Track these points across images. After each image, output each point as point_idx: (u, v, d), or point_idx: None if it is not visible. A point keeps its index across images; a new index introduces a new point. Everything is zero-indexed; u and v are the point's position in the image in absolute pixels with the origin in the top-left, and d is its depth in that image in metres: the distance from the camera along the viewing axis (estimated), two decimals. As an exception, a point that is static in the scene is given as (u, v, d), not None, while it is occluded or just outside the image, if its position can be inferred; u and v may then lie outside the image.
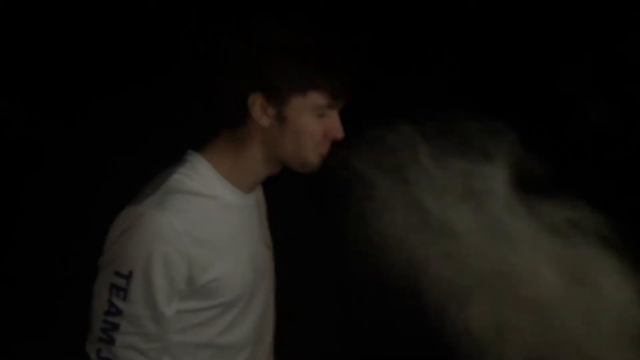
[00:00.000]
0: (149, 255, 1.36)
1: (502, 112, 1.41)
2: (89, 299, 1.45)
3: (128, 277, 1.36)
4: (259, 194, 1.62)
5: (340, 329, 3.59)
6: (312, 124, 1.43)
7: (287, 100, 1.41)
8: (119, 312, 1.38)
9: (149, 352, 1.41)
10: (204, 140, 1.51)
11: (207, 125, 1.50)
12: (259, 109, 1.41)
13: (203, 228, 1.42)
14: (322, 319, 3.42)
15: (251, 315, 1.55)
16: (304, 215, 3.52)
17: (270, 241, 1.66)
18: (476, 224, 1.40)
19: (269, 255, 1.63)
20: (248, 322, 1.54)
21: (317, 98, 1.42)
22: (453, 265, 1.40)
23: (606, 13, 3.53)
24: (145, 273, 1.37)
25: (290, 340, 1.91)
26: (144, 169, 1.55)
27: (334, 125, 1.45)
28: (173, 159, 1.52)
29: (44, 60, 4.45)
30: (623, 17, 3.50)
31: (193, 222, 1.40)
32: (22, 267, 4.30)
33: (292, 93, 1.40)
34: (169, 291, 1.39)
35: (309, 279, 3.54)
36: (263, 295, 1.58)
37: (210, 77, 1.46)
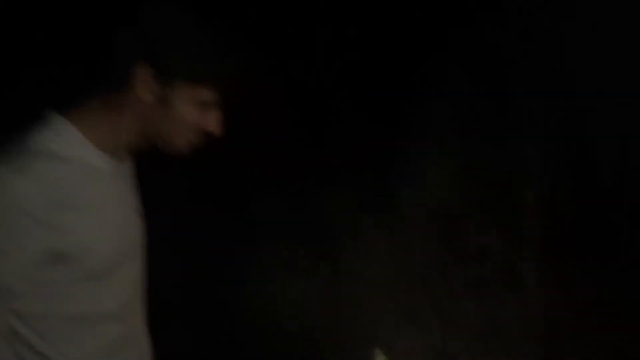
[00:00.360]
0: (8, 217, 1.29)
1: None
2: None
3: None
4: (129, 164, 1.55)
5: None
6: (193, 115, 1.40)
7: (175, 85, 1.37)
8: None
9: None
10: (69, 101, 1.42)
11: (74, 86, 1.43)
12: (144, 84, 1.36)
13: (64, 192, 1.34)
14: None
15: (120, 287, 1.46)
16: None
17: (142, 211, 1.57)
18: None
19: (140, 224, 1.55)
20: (117, 293, 1.46)
21: (205, 93, 1.39)
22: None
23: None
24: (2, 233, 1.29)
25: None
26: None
27: (213, 120, 1.43)
28: (31, 118, 1.40)
29: None
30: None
31: (53, 186, 1.32)
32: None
33: (182, 80, 1.37)
34: (21, 259, 1.31)
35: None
36: (133, 265, 1.51)
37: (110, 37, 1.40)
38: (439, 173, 3.73)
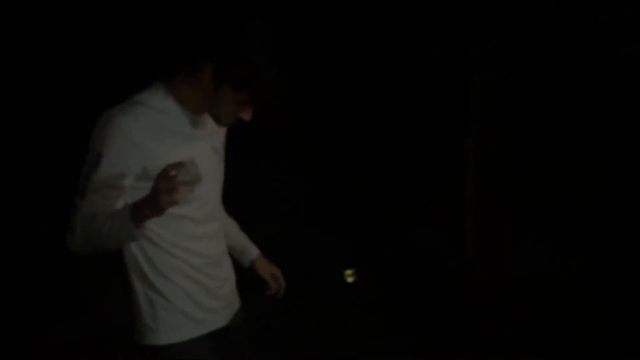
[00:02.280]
0: (113, 140, 1.95)
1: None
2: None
3: (99, 155, 1.95)
4: (211, 122, 2.16)
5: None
6: (232, 109, 2.03)
7: (224, 86, 1.99)
8: (89, 178, 1.96)
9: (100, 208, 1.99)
10: (169, 76, 2.13)
11: (175, 69, 2.14)
12: (206, 76, 2.01)
13: (154, 130, 2.00)
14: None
15: (203, 196, 2.10)
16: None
17: (222, 151, 2.27)
18: None
19: (215, 158, 2.20)
20: (202, 200, 2.12)
21: (243, 97, 2.00)
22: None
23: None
24: (111, 152, 1.95)
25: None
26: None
27: (246, 114, 2.05)
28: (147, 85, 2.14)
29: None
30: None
31: (146, 125, 1.99)
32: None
33: (228, 84, 1.99)
34: (124, 169, 1.97)
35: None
36: (207, 188, 2.10)
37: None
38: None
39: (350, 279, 4.47)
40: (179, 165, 1.78)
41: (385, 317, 4.24)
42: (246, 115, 2.04)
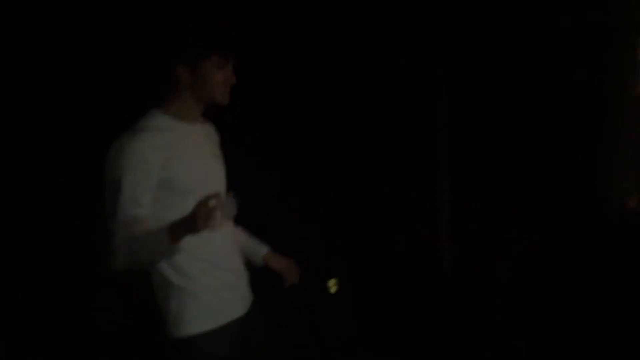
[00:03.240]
0: (130, 164, 2.18)
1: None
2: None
3: (119, 181, 2.17)
4: (208, 128, 2.49)
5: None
6: (217, 75, 2.28)
7: (196, 64, 2.26)
8: (117, 201, 2.17)
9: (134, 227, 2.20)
10: (156, 100, 2.36)
11: (156, 95, 2.35)
12: (181, 72, 2.27)
13: (162, 146, 2.24)
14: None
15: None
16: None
17: (221, 156, 2.49)
18: None
19: (217, 163, 2.45)
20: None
21: (215, 59, 2.26)
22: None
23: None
24: (129, 175, 2.17)
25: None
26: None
27: (230, 73, 2.31)
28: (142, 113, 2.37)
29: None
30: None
31: (155, 144, 2.23)
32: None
33: (198, 59, 2.25)
34: (145, 185, 2.19)
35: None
36: (212, 187, 2.28)
37: (154, 68, 2.36)
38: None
39: (333, 289, 4.52)
40: (216, 195, 2.03)
41: (363, 324, 4.31)
42: (230, 75, 2.29)
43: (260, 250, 2.68)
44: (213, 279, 2.35)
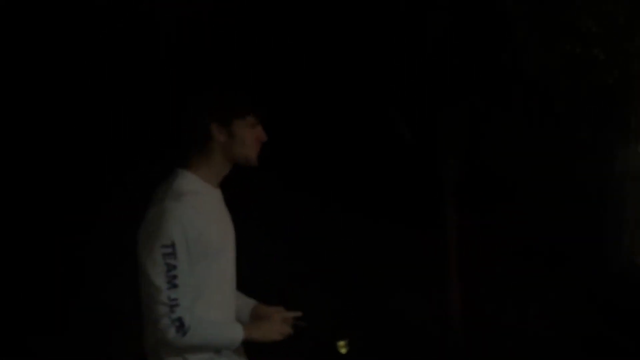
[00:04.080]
0: (182, 228, 2.20)
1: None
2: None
3: (172, 245, 2.18)
4: (219, 190, 2.48)
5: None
6: (250, 134, 2.35)
7: (232, 123, 2.32)
8: (175, 267, 2.18)
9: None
10: (184, 160, 2.37)
11: (182, 153, 2.37)
12: (216, 133, 2.32)
13: (197, 209, 2.26)
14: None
15: (227, 263, 2.41)
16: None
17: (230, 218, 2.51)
18: None
19: (231, 226, 2.48)
20: (227, 268, 2.41)
21: (249, 118, 2.34)
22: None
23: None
24: (181, 239, 2.19)
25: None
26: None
27: (261, 132, 2.38)
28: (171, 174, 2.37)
29: None
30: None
31: (195, 209, 2.26)
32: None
33: (234, 119, 2.33)
34: (193, 250, 2.22)
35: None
36: (231, 247, 2.42)
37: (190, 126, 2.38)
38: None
39: (343, 350, 4.51)
40: (295, 317, 2.39)
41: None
42: (262, 134, 2.36)
43: (248, 302, 2.63)
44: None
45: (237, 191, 2.59)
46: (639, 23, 4.46)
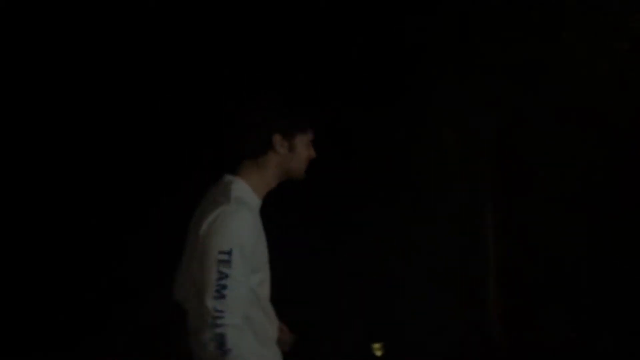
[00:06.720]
0: (239, 237, 2.11)
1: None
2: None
3: (229, 253, 2.07)
4: None
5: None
6: (306, 151, 2.33)
7: (295, 137, 2.30)
8: (227, 276, 2.06)
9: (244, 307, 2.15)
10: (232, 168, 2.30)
11: (233, 160, 2.30)
12: (278, 144, 2.27)
13: (253, 226, 2.19)
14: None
15: (269, 278, 2.32)
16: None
17: None
18: None
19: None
20: (269, 280, 2.32)
21: (309, 135, 2.33)
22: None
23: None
24: (241, 247, 2.10)
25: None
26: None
27: (312, 150, 2.35)
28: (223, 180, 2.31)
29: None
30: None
31: (249, 222, 2.18)
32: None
33: (298, 133, 2.30)
34: (248, 261, 2.13)
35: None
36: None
37: (251, 134, 2.31)
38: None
39: (378, 353, 4.51)
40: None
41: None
42: (312, 152, 2.34)
43: None
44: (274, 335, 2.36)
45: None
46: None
